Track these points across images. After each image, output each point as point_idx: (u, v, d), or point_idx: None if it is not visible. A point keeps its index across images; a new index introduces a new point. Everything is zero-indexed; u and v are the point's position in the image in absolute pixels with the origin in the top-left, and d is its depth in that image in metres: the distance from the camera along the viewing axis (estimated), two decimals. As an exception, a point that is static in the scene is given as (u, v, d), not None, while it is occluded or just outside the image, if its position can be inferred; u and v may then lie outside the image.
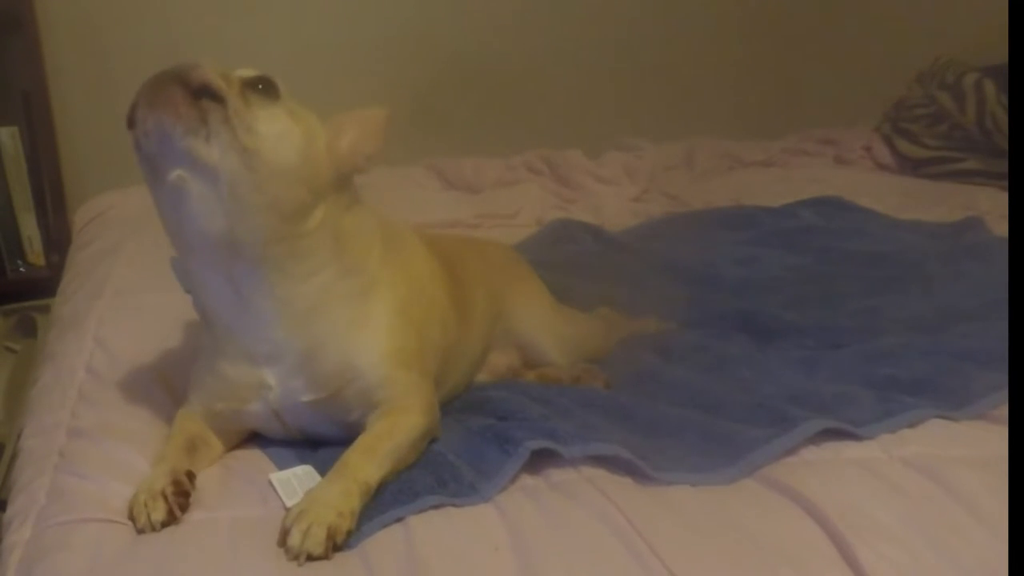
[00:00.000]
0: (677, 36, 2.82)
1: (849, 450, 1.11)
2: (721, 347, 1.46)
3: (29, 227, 2.41)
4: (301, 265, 1.07)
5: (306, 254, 1.07)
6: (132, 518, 0.99)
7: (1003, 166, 2.29)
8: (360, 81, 2.52)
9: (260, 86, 1.04)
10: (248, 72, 1.06)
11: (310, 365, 1.09)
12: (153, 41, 2.48)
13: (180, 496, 1.00)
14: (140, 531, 0.98)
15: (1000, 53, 1.48)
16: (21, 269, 2.43)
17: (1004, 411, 1.17)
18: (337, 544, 0.93)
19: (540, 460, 1.07)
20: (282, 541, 0.94)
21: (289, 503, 1.01)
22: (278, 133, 1.03)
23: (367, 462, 1.01)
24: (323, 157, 1.07)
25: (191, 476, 1.05)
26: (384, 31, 2.61)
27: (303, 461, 1.10)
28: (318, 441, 1.14)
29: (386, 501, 0.99)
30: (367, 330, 1.11)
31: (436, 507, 0.99)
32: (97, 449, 1.13)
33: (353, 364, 1.09)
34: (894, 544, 0.93)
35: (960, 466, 1.06)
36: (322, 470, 1.05)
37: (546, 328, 1.44)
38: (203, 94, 0.99)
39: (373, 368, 1.10)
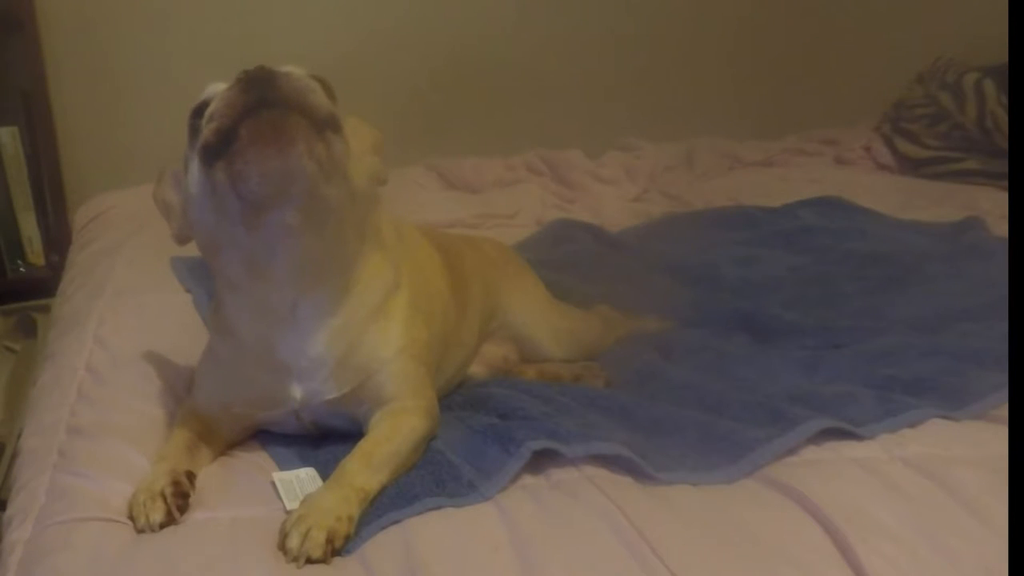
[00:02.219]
0: (677, 36, 2.82)
1: (850, 450, 1.11)
2: (721, 347, 1.46)
3: (29, 227, 2.41)
4: (357, 275, 1.08)
5: (361, 261, 1.08)
6: (132, 518, 0.99)
7: (1003, 166, 2.30)
8: (360, 81, 2.52)
9: (331, 126, 0.98)
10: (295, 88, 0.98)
11: (340, 364, 1.09)
12: (153, 41, 2.48)
13: (179, 497, 1.00)
14: (139, 531, 0.98)
15: (1000, 53, 1.48)
16: (21, 269, 2.43)
17: (1004, 411, 1.17)
18: (336, 549, 0.93)
19: (541, 459, 1.07)
20: (281, 544, 0.94)
21: (289, 504, 1.01)
22: (357, 156, 1.01)
23: (366, 468, 1.01)
24: (365, 169, 1.06)
25: (191, 476, 1.05)
26: (384, 31, 2.61)
27: (304, 461, 1.10)
28: (320, 438, 1.14)
29: (384, 504, 1.00)
30: (390, 321, 1.11)
31: (435, 508, 0.99)
32: (97, 448, 1.13)
33: (377, 356, 1.10)
34: (894, 544, 0.93)
35: (960, 466, 1.06)
36: (323, 471, 1.05)
37: (541, 321, 1.45)
38: (327, 126, 0.93)
39: (392, 360, 1.10)
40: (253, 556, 0.93)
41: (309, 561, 0.92)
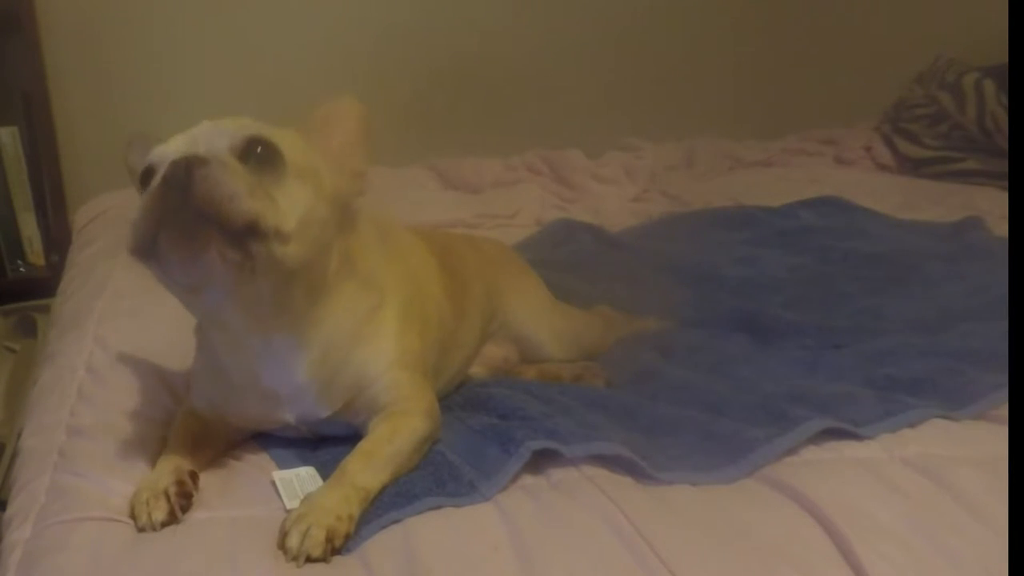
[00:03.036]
0: (677, 36, 2.82)
1: (850, 450, 1.11)
2: (721, 347, 1.46)
3: (29, 227, 2.41)
4: (327, 306, 1.06)
5: (330, 292, 1.06)
6: (133, 516, 0.99)
7: (1003, 166, 2.29)
8: (360, 81, 2.52)
9: (259, 148, 0.95)
10: (237, 134, 0.96)
11: (328, 387, 1.09)
12: (153, 41, 2.48)
13: (183, 497, 1.00)
14: (140, 529, 0.98)
15: (1000, 53, 1.48)
16: (21, 269, 2.43)
17: (1004, 411, 1.17)
18: (336, 548, 0.93)
19: (541, 459, 1.07)
20: (281, 543, 0.94)
21: (289, 503, 1.01)
22: (303, 220, 0.95)
23: (366, 468, 1.01)
24: (333, 206, 1.02)
25: (195, 476, 1.05)
26: (384, 31, 2.61)
27: (304, 461, 1.10)
28: (320, 440, 1.14)
29: (384, 504, 0.99)
30: (378, 339, 1.11)
31: (435, 508, 0.99)
32: (97, 448, 1.13)
33: (367, 373, 1.09)
34: (894, 544, 0.93)
35: (960, 466, 1.06)
36: (323, 471, 1.05)
37: (542, 322, 1.45)
38: (248, 235, 0.91)
39: (383, 374, 1.10)
40: (253, 556, 0.93)
41: (309, 560, 0.91)
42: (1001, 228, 1.91)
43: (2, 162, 2.36)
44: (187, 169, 0.89)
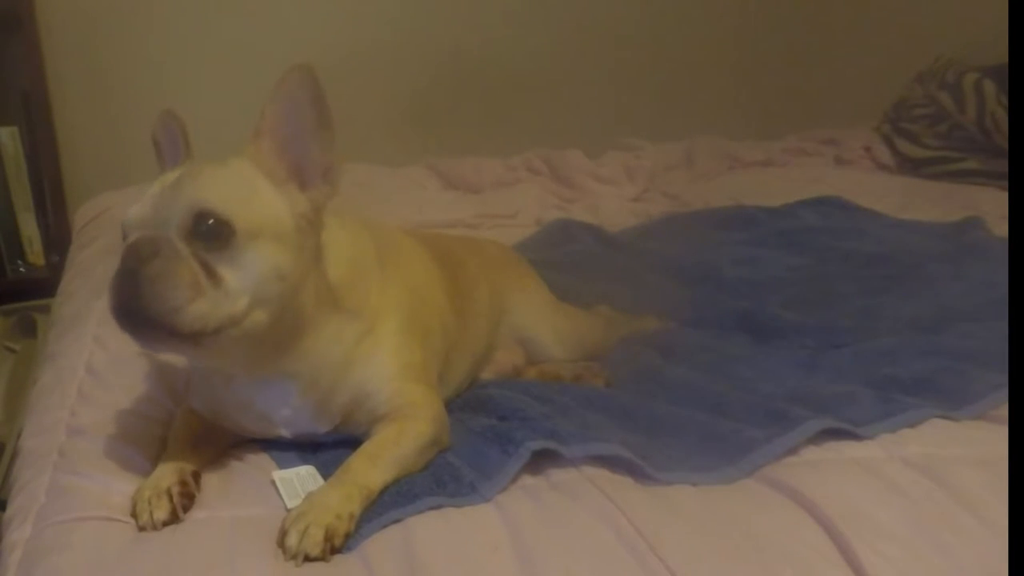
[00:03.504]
0: (677, 36, 2.82)
1: (849, 450, 1.11)
2: (721, 347, 1.46)
3: (29, 227, 2.42)
4: (313, 339, 1.05)
5: (316, 326, 1.05)
6: (134, 515, 0.99)
7: (1003, 166, 2.30)
8: (360, 81, 2.52)
9: (210, 221, 0.94)
10: (188, 208, 0.94)
11: (323, 406, 1.09)
12: (153, 41, 2.48)
13: (185, 497, 1.01)
14: (142, 528, 0.98)
15: (1000, 53, 1.48)
16: (21, 269, 2.43)
17: (1004, 411, 1.17)
18: (335, 546, 0.93)
19: (540, 459, 1.07)
20: (280, 541, 0.94)
21: (290, 503, 1.01)
22: (256, 282, 0.95)
23: (370, 467, 1.01)
24: (296, 242, 0.99)
25: (197, 477, 1.05)
26: (384, 31, 2.61)
27: (305, 462, 1.10)
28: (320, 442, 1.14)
29: (384, 503, 0.99)
30: (374, 358, 1.10)
31: (435, 508, 0.99)
32: (97, 448, 1.13)
33: (363, 389, 1.10)
34: (894, 544, 0.93)
35: (960, 466, 1.06)
36: (324, 471, 1.05)
37: (546, 323, 1.45)
38: (200, 336, 0.93)
39: (381, 388, 1.10)
40: (253, 555, 0.93)
41: (307, 559, 0.91)
42: (1001, 228, 1.91)
43: (2, 162, 2.36)
44: (135, 276, 0.92)
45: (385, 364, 1.11)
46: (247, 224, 0.95)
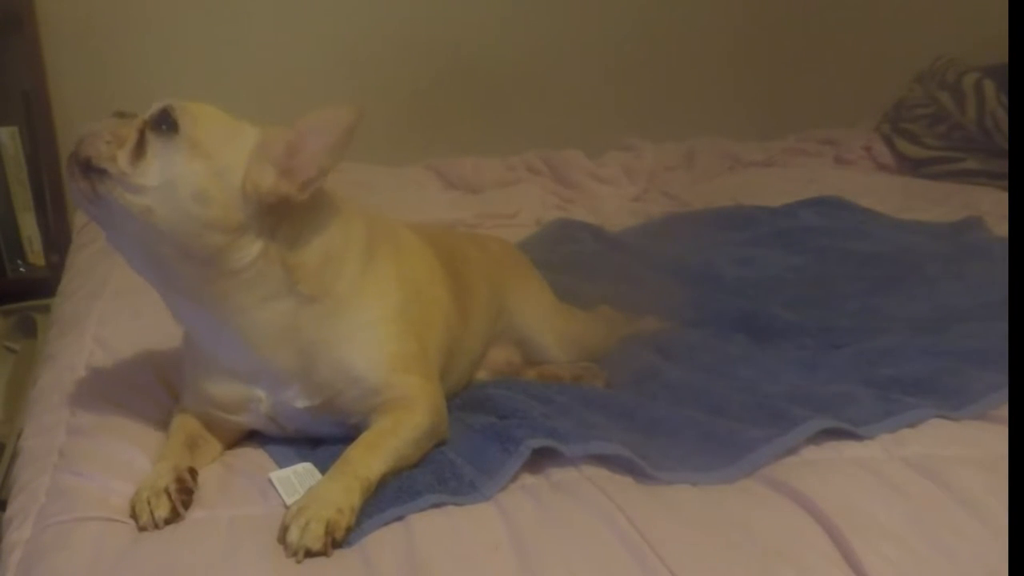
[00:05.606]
0: (677, 36, 2.82)
1: (849, 450, 1.11)
2: (721, 347, 1.46)
3: (29, 227, 2.41)
4: (250, 295, 1.05)
5: (253, 285, 1.05)
6: (134, 515, 0.99)
7: (1003, 166, 2.29)
8: (360, 81, 2.52)
9: (164, 126, 1.01)
10: (155, 107, 1.03)
11: (300, 377, 1.09)
12: (153, 41, 2.48)
13: (183, 493, 1.01)
14: (142, 528, 0.98)
15: (1000, 53, 1.48)
16: (21, 269, 2.43)
17: (1004, 411, 1.17)
18: (336, 540, 0.93)
19: (541, 459, 1.07)
20: (281, 538, 0.94)
21: (289, 501, 1.01)
22: (170, 181, 0.99)
23: (369, 458, 1.01)
24: (235, 195, 1.02)
25: (193, 473, 1.05)
26: (384, 31, 2.61)
27: (303, 459, 1.10)
28: (318, 439, 1.14)
29: (386, 499, 0.99)
30: (356, 340, 1.10)
31: (436, 505, 1.00)
32: (97, 448, 1.13)
33: (347, 374, 1.09)
34: (894, 544, 0.93)
35: (960, 466, 1.06)
36: (322, 468, 1.05)
37: (547, 325, 1.44)
38: (90, 170, 1.01)
39: (370, 374, 1.10)
40: (253, 554, 0.93)
41: (308, 554, 0.91)
42: (1001, 228, 1.91)
43: (2, 162, 2.36)
44: (87, 130, 1.04)
45: (372, 350, 1.10)
46: (193, 133, 1.01)
